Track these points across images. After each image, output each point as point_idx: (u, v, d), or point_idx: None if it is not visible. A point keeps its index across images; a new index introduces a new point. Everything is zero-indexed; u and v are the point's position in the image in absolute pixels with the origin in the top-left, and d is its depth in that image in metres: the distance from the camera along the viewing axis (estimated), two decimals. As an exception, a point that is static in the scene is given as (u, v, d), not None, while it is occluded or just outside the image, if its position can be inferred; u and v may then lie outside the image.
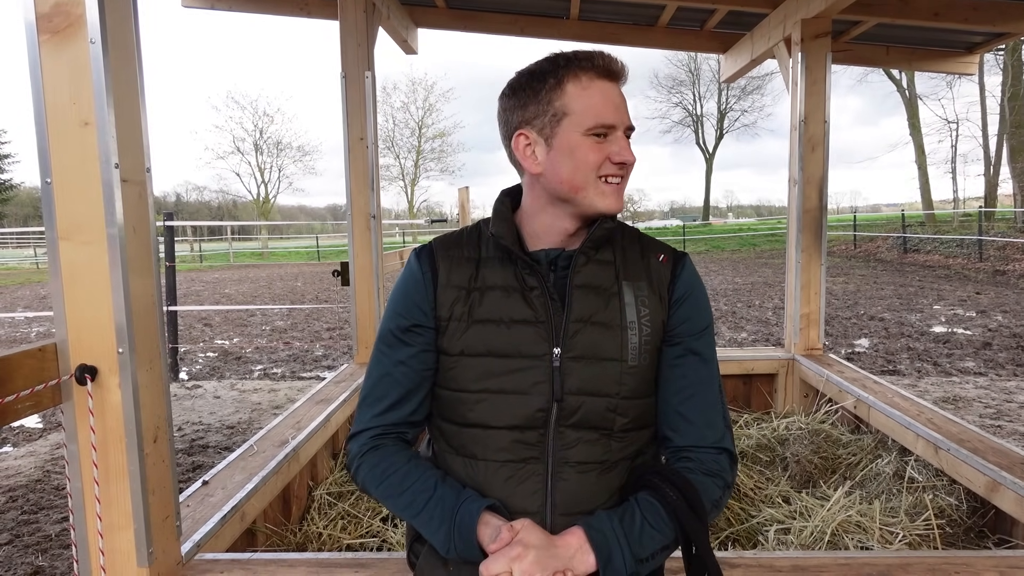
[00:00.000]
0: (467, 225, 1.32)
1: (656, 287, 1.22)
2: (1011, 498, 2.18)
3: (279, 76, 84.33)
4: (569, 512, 1.16)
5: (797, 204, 3.88)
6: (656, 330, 1.20)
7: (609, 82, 1.16)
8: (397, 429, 1.26)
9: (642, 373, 1.19)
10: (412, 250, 1.31)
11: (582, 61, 1.15)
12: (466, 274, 1.22)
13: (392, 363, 1.24)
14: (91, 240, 1.58)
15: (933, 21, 4.12)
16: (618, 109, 1.16)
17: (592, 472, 1.17)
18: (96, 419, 1.60)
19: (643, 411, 1.21)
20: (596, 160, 1.14)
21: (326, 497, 2.89)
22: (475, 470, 1.19)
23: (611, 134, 1.15)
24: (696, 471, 1.17)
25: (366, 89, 3.80)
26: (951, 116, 28.31)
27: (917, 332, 9.17)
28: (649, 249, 1.26)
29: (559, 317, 1.17)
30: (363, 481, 1.24)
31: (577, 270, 1.19)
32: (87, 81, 1.54)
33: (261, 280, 20.14)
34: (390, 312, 1.27)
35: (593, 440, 1.17)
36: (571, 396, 1.15)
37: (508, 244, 1.19)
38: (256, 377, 7.83)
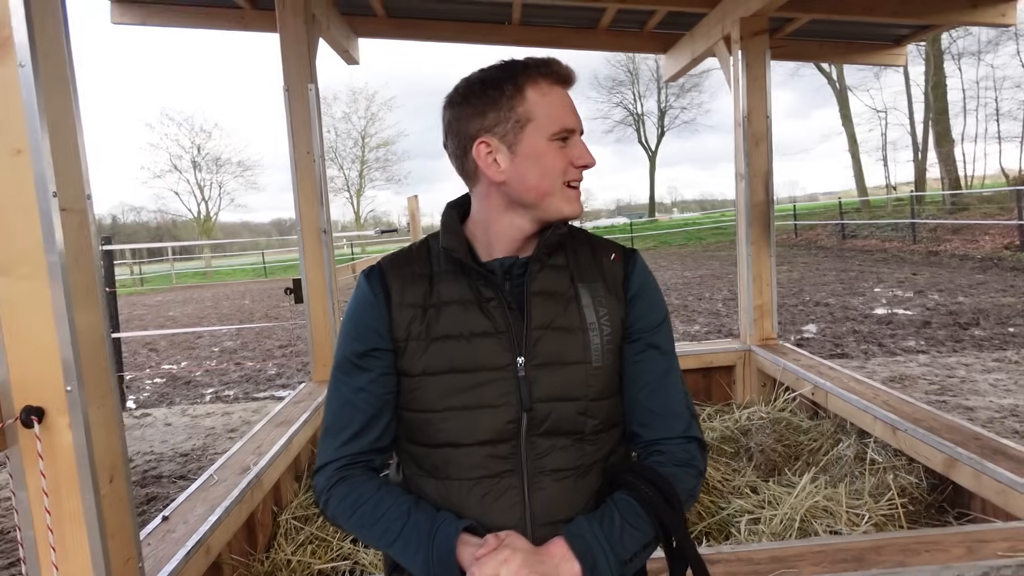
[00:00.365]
0: (414, 242, 1.30)
1: (611, 286, 1.22)
2: (968, 473, 2.25)
3: (215, 91, 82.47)
4: (549, 522, 1.14)
5: (745, 198, 3.96)
6: (616, 329, 1.20)
7: (563, 88, 1.17)
8: (363, 458, 1.22)
9: (607, 373, 1.19)
10: (361, 272, 1.28)
11: (540, 67, 1.15)
12: (420, 291, 1.19)
13: (351, 391, 1.21)
14: (30, 274, 1.49)
15: (865, 15, 4.26)
16: (575, 113, 1.17)
17: (569, 478, 1.16)
18: (46, 463, 1.52)
19: (611, 411, 1.21)
20: (561, 165, 1.15)
21: (292, 522, 2.81)
22: (449, 491, 1.16)
23: (571, 138, 1.16)
24: (668, 463, 1.18)
25: (310, 102, 3.72)
26: (880, 106, 29.40)
27: (861, 315, 9.47)
28: (600, 249, 1.26)
29: (519, 326, 1.15)
30: (333, 514, 1.20)
31: (533, 277, 1.18)
32: (17, 106, 1.46)
33: (206, 300, 19.62)
34: (344, 338, 1.23)
35: (567, 446, 1.16)
36: (540, 404, 1.14)
37: (461, 257, 1.16)
38: (208, 401, 7.61)
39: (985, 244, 15.54)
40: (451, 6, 4.96)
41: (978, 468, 2.20)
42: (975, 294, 10.45)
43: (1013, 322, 8.27)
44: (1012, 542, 1.74)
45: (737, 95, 3.99)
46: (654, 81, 35.24)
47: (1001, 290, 10.63)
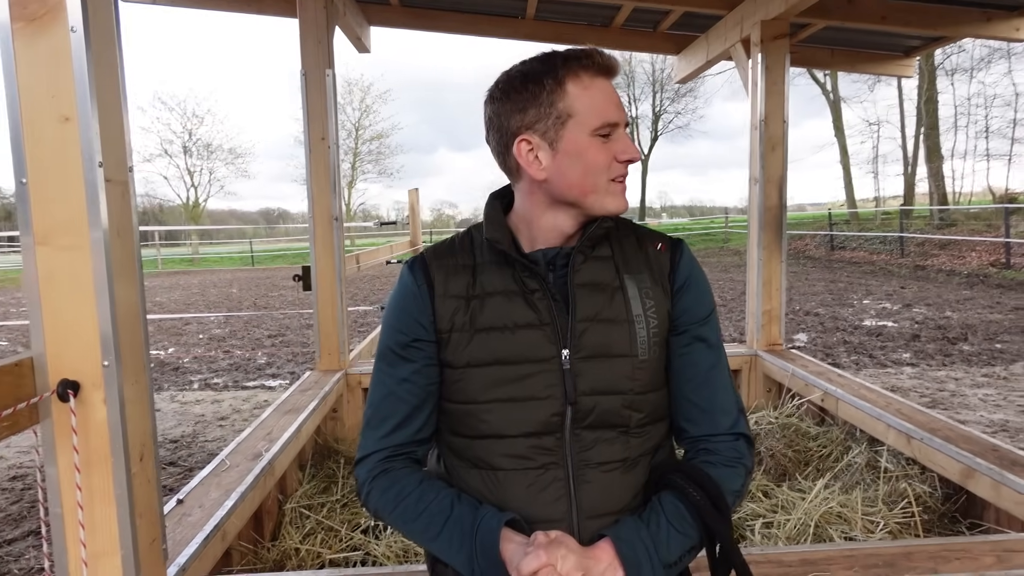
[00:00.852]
0: (457, 232, 1.28)
1: (658, 277, 1.19)
2: (986, 483, 2.26)
3: (209, 76, 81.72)
4: (595, 515, 1.13)
5: (758, 202, 3.97)
6: (663, 321, 1.18)
7: (606, 79, 1.13)
8: (405, 449, 1.21)
9: (653, 366, 1.17)
10: (404, 263, 1.26)
11: (581, 59, 1.12)
12: (463, 282, 1.17)
13: (395, 381, 1.19)
14: (72, 244, 1.46)
15: (880, 24, 4.29)
16: (618, 106, 1.13)
17: (615, 471, 1.15)
18: (79, 438, 1.48)
19: (657, 404, 1.19)
20: (605, 161, 1.12)
21: (299, 510, 2.78)
22: (494, 481, 1.15)
23: (614, 132, 1.12)
24: (716, 463, 1.16)
25: (327, 88, 3.68)
26: (872, 118, 29.69)
27: (851, 326, 9.54)
28: (645, 239, 1.23)
29: (564, 318, 1.13)
30: (376, 507, 1.19)
31: (577, 269, 1.16)
32: (67, 73, 1.42)
33: (193, 287, 19.42)
34: (388, 328, 1.22)
35: (612, 439, 1.14)
36: (585, 397, 1.12)
37: (505, 248, 1.15)
38: (196, 388, 7.53)
39: (972, 260, 15.73)
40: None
41: (998, 479, 2.21)
42: (963, 309, 10.57)
43: (1000, 338, 8.38)
44: (1040, 552, 1.75)
45: (755, 99, 4.00)
46: (649, 84, 35.35)
47: (988, 306, 10.76)
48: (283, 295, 16.30)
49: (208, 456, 5.11)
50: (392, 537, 2.55)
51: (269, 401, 6.75)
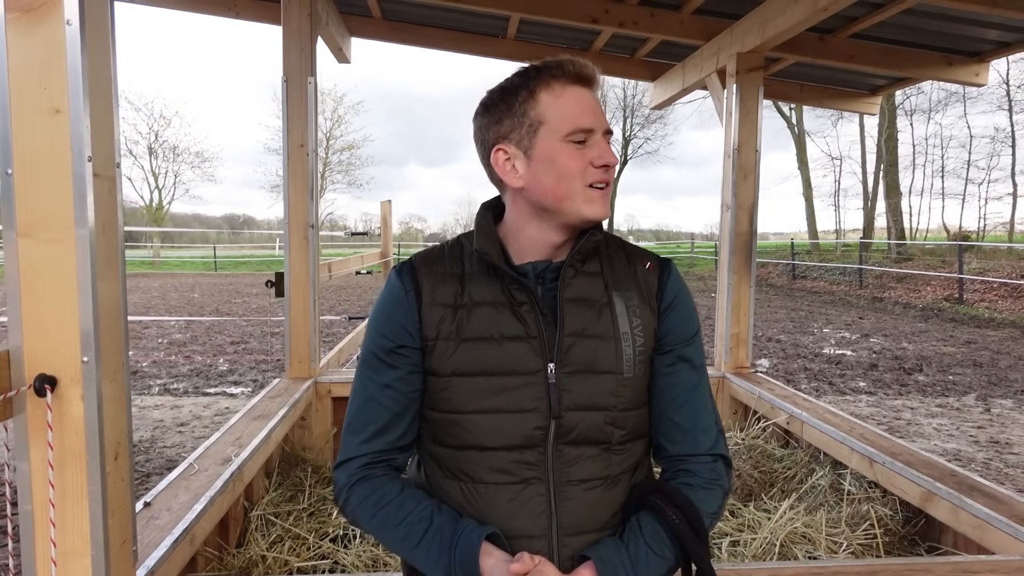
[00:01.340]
0: (446, 240, 1.28)
1: (646, 295, 1.21)
2: (946, 507, 2.34)
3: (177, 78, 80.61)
4: (574, 532, 1.13)
5: (730, 228, 4.06)
6: (648, 339, 1.19)
7: (582, 87, 1.14)
8: (386, 456, 1.20)
9: (637, 383, 1.18)
10: (392, 268, 1.27)
11: (552, 68, 1.14)
12: (451, 291, 1.17)
13: (377, 387, 1.19)
14: (56, 238, 1.44)
15: (848, 63, 4.45)
16: (594, 112, 1.13)
17: (596, 489, 1.15)
18: (54, 434, 1.45)
19: (639, 422, 1.20)
20: (578, 166, 1.12)
21: (267, 517, 2.74)
22: (474, 494, 1.14)
23: (590, 138, 1.13)
24: (695, 484, 1.17)
25: (308, 95, 3.68)
26: (835, 153, 30.53)
27: (811, 353, 9.75)
28: (635, 257, 1.25)
29: (551, 332, 1.14)
30: (353, 513, 1.18)
31: (566, 283, 1.16)
32: (60, 65, 1.41)
33: (154, 290, 19.03)
34: (372, 333, 1.21)
35: (594, 456, 1.15)
36: (569, 412, 1.12)
37: (494, 261, 1.15)
38: (155, 393, 7.36)
39: (927, 294, 16.21)
40: (448, 15, 4.99)
41: (956, 503, 2.28)
42: (918, 341, 10.87)
43: (953, 370, 8.63)
44: (998, 574, 1.81)
45: (729, 127, 4.10)
46: (620, 109, 35.87)
47: (942, 339, 11.08)
48: (247, 302, 16.06)
49: (167, 462, 5.00)
50: (362, 546, 2.53)
51: (231, 408, 6.63)
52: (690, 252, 29.85)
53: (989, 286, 15.36)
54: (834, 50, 4.36)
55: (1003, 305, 14.22)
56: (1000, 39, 4.27)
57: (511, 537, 1.12)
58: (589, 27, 4.66)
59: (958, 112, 27.38)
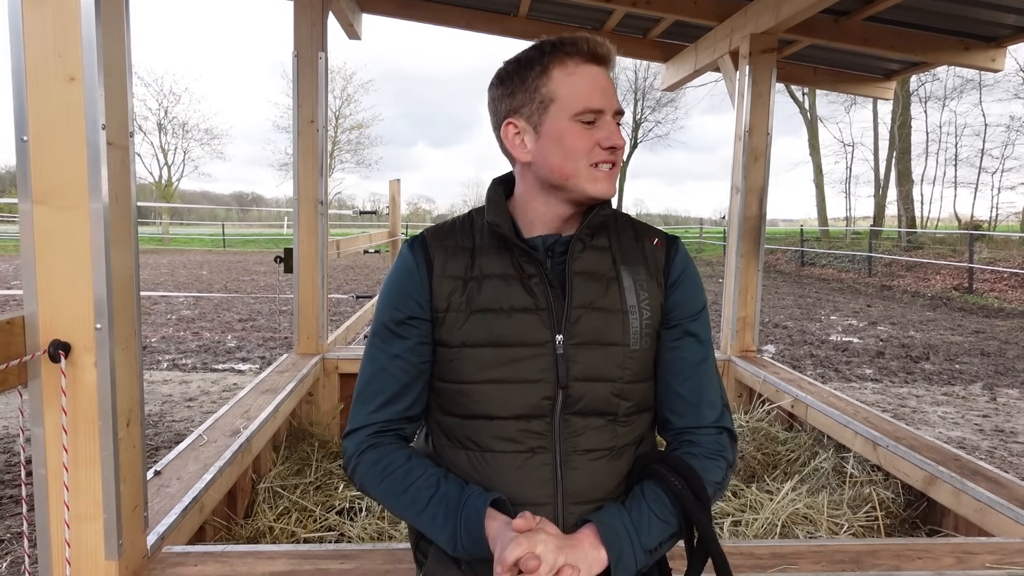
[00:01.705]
0: (457, 215, 1.30)
1: (652, 271, 1.22)
2: (947, 490, 2.35)
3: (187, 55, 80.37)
4: (580, 501, 1.15)
5: (739, 211, 4.04)
6: (655, 313, 1.21)
7: (596, 66, 1.14)
8: (394, 425, 1.22)
9: (644, 356, 1.19)
10: (404, 241, 1.28)
11: (567, 46, 1.14)
12: (462, 263, 1.19)
13: (387, 357, 1.21)
14: (70, 205, 1.45)
15: (863, 46, 4.39)
16: (605, 93, 1.14)
17: (602, 459, 1.17)
18: (68, 400, 1.48)
19: (645, 395, 1.22)
20: (585, 146, 1.13)
21: (275, 489, 2.78)
22: (481, 462, 1.17)
23: (599, 119, 1.14)
24: (699, 455, 1.19)
25: (319, 70, 3.67)
26: (847, 139, 30.28)
27: (818, 340, 9.73)
28: (643, 234, 1.26)
29: (560, 304, 1.16)
30: (361, 480, 1.20)
31: (575, 257, 1.18)
32: (75, 33, 1.42)
33: (162, 267, 19.12)
34: (383, 305, 1.23)
35: (600, 427, 1.17)
36: (576, 383, 1.14)
37: (505, 232, 1.17)
38: (164, 368, 7.43)
39: (936, 283, 16.13)
40: (460, -8, 4.96)
41: (958, 486, 2.29)
42: (926, 330, 10.84)
43: (960, 359, 8.61)
44: (998, 555, 1.82)
45: (741, 110, 4.07)
46: (631, 92, 35.60)
47: (949, 328, 11.04)
48: (255, 280, 16.13)
49: (175, 436, 5.05)
50: (367, 519, 2.56)
51: (239, 384, 6.69)
52: (699, 237, 29.73)
53: (999, 276, 15.27)
54: (849, 33, 4.31)
55: (1013, 295, 14.14)
56: (1018, 24, 4.21)
57: (517, 504, 1.13)
58: (602, 6, 4.62)
59: (973, 100, 27.11)
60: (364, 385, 1.23)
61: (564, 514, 1.14)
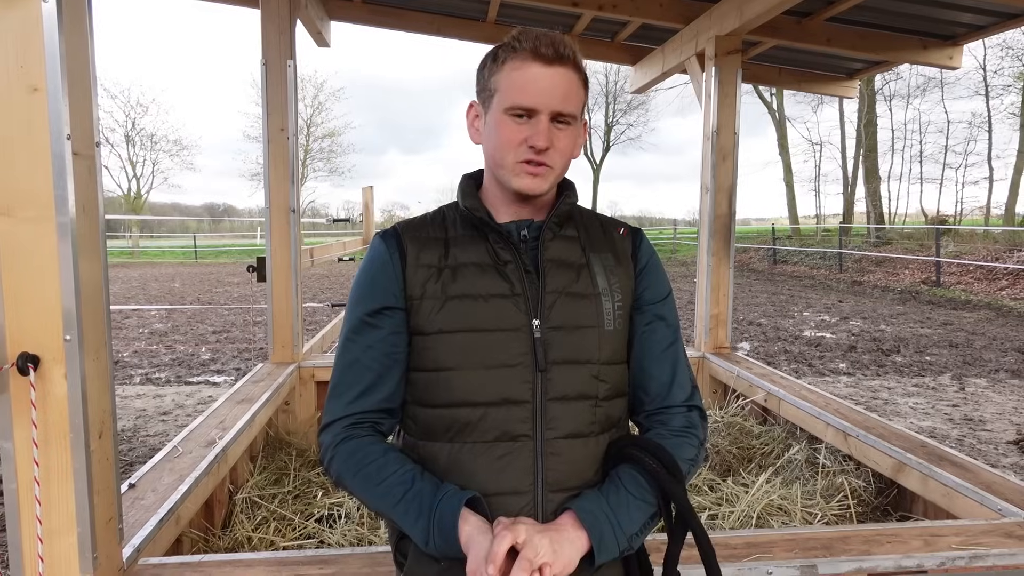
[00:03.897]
0: (428, 211, 1.31)
1: (621, 257, 1.27)
2: (916, 477, 2.40)
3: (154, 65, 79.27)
4: (559, 488, 1.16)
5: (709, 211, 4.10)
6: (626, 296, 1.25)
7: (542, 65, 1.14)
8: (371, 417, 1.21)
9: (618, 337, 1.23)
10: (376, 234, 1.29)
11: (518, 41, 1.16)
12: (435, 253, 1.21)
13: (361, 348, 1.21)
14: (36, 217, 1.44)
15: (826, 46, 4.48)
16: (543, 93, 1.14)
17: (580, 444, 1.18)
18: (38, 413, 1.46)
19: (620, 378, 1.24)
20: (512, 140, 1.16)
21: (252, 499, 2.76)
22: (460, 454, 1.16)
23: (534, 117, 1.15)
24: (669, 434, 1.23)
25: (288, 78, 3.67)
26: (815, 138, 30.75)
27: (791, 336, 9.87)
28: (609, 225, 1.31)
29: (535, 289, 1.18)
30: (337, 472, 1.19)
31: (546, 245, 1.22)
32: (38, 44, 1.41)
33: (133, 280, 18.84)
34: (355, 298, 1.24)
35: (580, 410, 1.18)
36: (555, 366, 1.16)
37: (482, 215, 1.20)
38: (137, 382, 7.33)
39: (905, 278, 16.43)
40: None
41: (926, 472, 2.35)
42: (896, 323, 11.04)
43: (930, 351, 8.78)
44: (963, 537, 1.87)
45: (708, 110, 4.13)
46: (603, 95, 35.85)
47: (919, 321, 11.25)
48: (228, 291, 15.95)
49: (150, 450, 4.98)
50: (347, 526, 2.55)
51: (214, 397, 6.62)
52: (673, 238, 29.97)
53: (965, 269, 15.61)
54: (812, 33, 4.40)
55: (979, 287, 14.46)
56: (974, 22, 4.32)
57: (497, 494, 1.14)
58: (569, 10, 4.66)
59: (936, 98, 27.74)
60: (339, 378, 1.23)
61: (543, 502, 1.15)
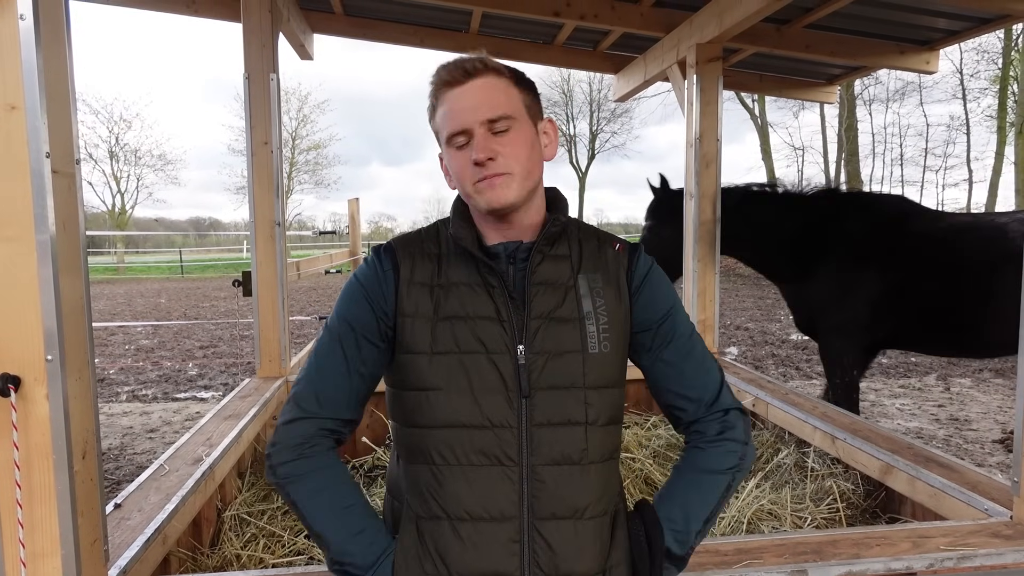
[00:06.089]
0: (423, 227, 1.31)
1: (613, 276, 1.24)
2: (903, 478, 2.42)
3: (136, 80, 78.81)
4: (546, 516, 1.15)
5: (693, 217, 4.13)
6: (615, 318, 1.21)
7: (457, 87, 1.17)
8: (331, 425, 1.21)
9: (605, 361, 1.19)
10: (371, 247, 1.29)
11: (433, 78, 1.20)
12: (428, 270, 1.21)
13: (337, 358, 1.21)
14: (15, 236, 1.43)
15: (805, 53, 4.54)
16: (465, 110, 1.16)
17: (571, 475, 1.16)
18: (20, 434, 1.44)
19: (611, 402, 1.21)
20: (461, 167, 1.18)
21: (242, 516, 2.73)
22: (445, 476, 1.15)
23: (472, 137, 1.16)
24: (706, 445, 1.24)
25: (271, 91, 3.66)
26: (797, 143, 31.04)
27: (779, 340, 9.92)
28: (605, 241, 1.28)
29: (520, 314, 1.17)
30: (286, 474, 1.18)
31: (534, 269, 1.20)
32: (15, 61, 1.40)
33: (119, 297, 18.68)
34: (343, 305, 1.23)
35: (568, 436, 1.16)
36: (539, 391, 1.16)
37: (468, 246, 1.19)
38: (124, 400, 7.26)
39: (889, 279, 16.55)
40: (410, 9, 4.98)
41: (913, 474, 2.37)
42: (881, 325, 11.11)
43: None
44: (951, 538, 1.89)
45: (690, 117, 4.17)
46: (587, 104, 36.04)
47: (904, 322, 11.33)
48: (215, 306, 15.85)
49: (137, 469, 4.93)
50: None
51: (202, 413, 6.56)
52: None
53: (948, 270, 15.73)
54: (791, 40, 4.45)
55: (962, 288, 14.58)
56: (949, 27, 4.39)
57: (481, 519, 1.13)
58: (551, 20, 4.69)
59: (915, 101, 28.08)
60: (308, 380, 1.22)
61: (529, 530, 1.14)
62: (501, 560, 1.13)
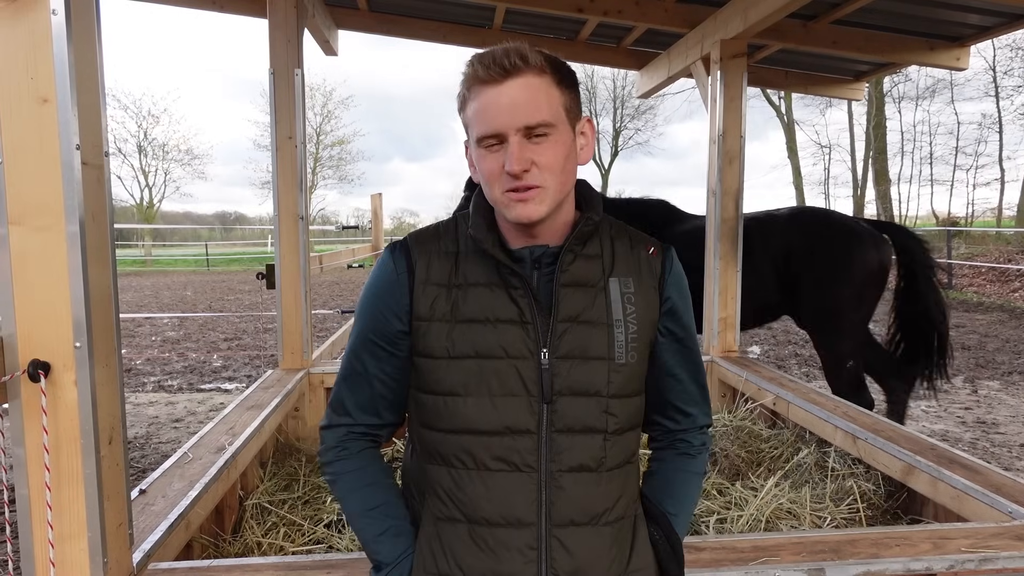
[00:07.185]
0: (441, 220, 1.27)
1: (646, 282, 1.19)
2: (925, 479, 2.39)
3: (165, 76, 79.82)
4: (564, 523, 1.13)
5: (716, 214, 4.10)
6: (644, 327, 1.18)
7: (494, 86, 1.07)
8: (362, 429, 1.24)
9: (631, 371, 1.17)
10: (386, 246, 1.29)
11: (468, 69, 1.10)
12: (445, 269, 1.17)
13: (358, 368, 1.22)
14: (46, 225, 1.47)
15: (832, 49, 4.48)
16: (502, 113, 1.07)
17: (590, 481, 1.15)
18: (49, 419, 1.48)
19: (633, 411, 1.20)
20: (493, 171, 1.10)
21: (263, 505, 2.77)
22: (464, 480, 1.14)
23: (505, 141, 1.08)
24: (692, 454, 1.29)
25: (296, 87, 3.70)
26: (824, 141, 30.63)
27: (802, 339, 9.80)
28: (638, 242, 1.23)
29: (544, 318, 1.13)
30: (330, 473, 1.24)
31: (564, 268, 1.15)
32: (47, 55, 1.44)
33: (146, 289, 18.98)
34: (362, 313, 1.22)
35: (587, 444, 1.14)
36: (561, 398, 1.12)
37: (488, 248, 1.14)
38: (149, 390, 7.38)
39: (916, 280, 16.29)
40: (434, 5, 5.00)
41: (935, 475, 2.34)
42: (908, 325, 10.94)
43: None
44: (972, 540, 1.86)
45: (714, 114, 4.14)
46: (611, 101, 35.87)
47: (931, 323, 11.16)
48: (239, 299, 16.05)
49: (162, 458, 5.02)
50: (355, 531, 2.57)
51: (226, 404, 6.66)
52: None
53: (977, 271, 15.48)
54: (817, 36, 4.40)
55: (991, 289, 14.33)
56: (981, 23, 4.31)
57: (499, 525, 1.12)
58: (575, 16, 4.68)
59: (945, 99, 27.52)
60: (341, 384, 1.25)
61: (548, 536, 1.12)
62: (517, 567, 1.12)
